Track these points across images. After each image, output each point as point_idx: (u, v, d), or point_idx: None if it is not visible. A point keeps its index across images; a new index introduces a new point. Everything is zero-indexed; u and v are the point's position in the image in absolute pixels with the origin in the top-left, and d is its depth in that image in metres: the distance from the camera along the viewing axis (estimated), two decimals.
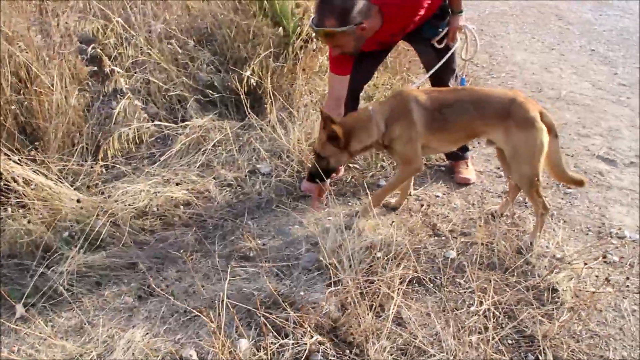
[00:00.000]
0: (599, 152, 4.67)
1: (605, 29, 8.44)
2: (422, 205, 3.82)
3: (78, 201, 3.52)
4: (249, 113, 4.53)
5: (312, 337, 2.52)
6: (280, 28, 4.88)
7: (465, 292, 3.00)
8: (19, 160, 3.59)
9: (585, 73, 6.68)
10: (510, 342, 2.70)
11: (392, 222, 3.46)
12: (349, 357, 2.54)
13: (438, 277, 3.07)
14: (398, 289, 2.75)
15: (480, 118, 3.30)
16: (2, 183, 3.48)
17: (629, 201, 3.98)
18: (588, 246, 3.39)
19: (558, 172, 3.35)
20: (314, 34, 4.44)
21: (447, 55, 3.71)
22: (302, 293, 2.86)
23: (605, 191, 4.10)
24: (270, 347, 2.46)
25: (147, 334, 2.71)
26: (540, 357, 2.58)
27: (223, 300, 2.45)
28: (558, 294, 2.96)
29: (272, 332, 2.58)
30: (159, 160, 4.28)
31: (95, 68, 4.73)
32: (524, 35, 8.19)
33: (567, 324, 2.76)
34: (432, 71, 3.74)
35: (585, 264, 3.08)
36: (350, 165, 4.30)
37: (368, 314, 2.62)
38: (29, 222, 3.39)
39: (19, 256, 3.31)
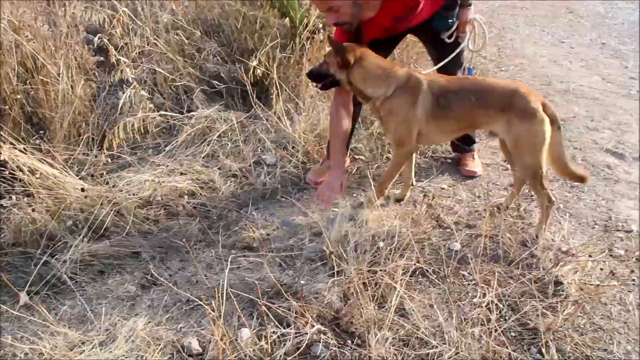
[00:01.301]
0: (607, 145, 4.62)
1: (617, 22, 8.37)
2: (425, 196, 3.80)
3: (82, 190, 3.53)
4: (255, 104, 4.52)
5: (313, 326, 2.51)
6: (287, 19, 4.87)
7: (468, 284, 2.98)
8: (24, 149, 3.60)
9: (595, 66, 6.63)
10: (513, 334, 2.68)
11: (396, 213, 3.45)
12: (350, 347, 2.53)
13: (441, 269, 3.05)
14: (401, 280, 2.73)
15: (481, 108, 3.26)
16: (7, 172, 3.49)
17: (637, 195, 3.93)
18: (593, 239, 3.36)
19: (560, 166, 3.30)
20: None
21: (457, 51, 3.67)
22: (302, 282, 2.86)
23: (613, 185, 4.06)
24: (271, 336, 2.46)
25: (149, 322, 2.72)
26: (543, 350, 2.55)
27: (224, 289, 2.44)
28: (563, 287, 2.93)
29: (274, 322, 2.57)
30: (164, 150, 4.29)
31: (102, 58, 4.73)
32: (534, 28, 8.14)
33: (571, 317, 2.73)
34: (440, 65, 3.70)
35: (590, 256, 3.05)
36: (356, 156, 4.29)
37: (370, 305, 2.61)
38: (33, 210, 3.40)
39: (24, 244, 3.31)
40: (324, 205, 3.56)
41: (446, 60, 3.66)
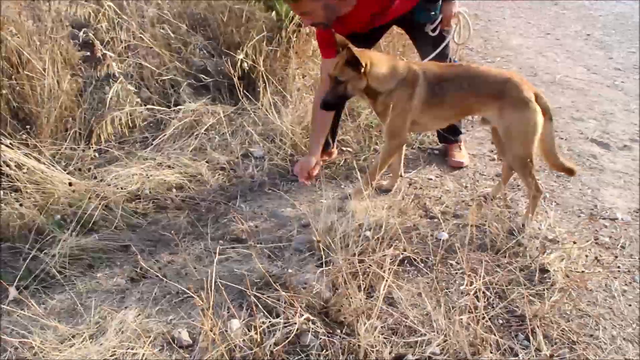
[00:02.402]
0: (592, 135, 4.67)
1: (601, 13, 8.44)
2: (411, 185, 3.83)
3: (70, 184, 3.52)
4: (242, 97, 4.52)
5: (302, 316, 2.52)
6: (274, 12, 4.87)
7: (456, 272, 3.01)
8: (10, 144, 3.58)
9: (580, 57, 6.69)
10: (500, 321, 2.71)
11: (384, 204, 3.47)
12: (340, 336, 2.55)
13: (429, 258, 3.07)
14: (389, 269, 2.75)
15: (475, 95, 3.28)
16: None
17: (622, 184, 3.99)
18: (579, 227, 3.40)
19: (550, 157, 3.33)
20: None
21: (443, 45, 3.69)
22: (290, 270, 2.88)
23: (598, 174, 4.11)
24: (260, 326, 2.47)
25: (139, 315, 2.71)
26: (530, 337, 2.59)
27: (213, 281, 2.45)
28: (549, 274, 2.97)
29: (263, 312, 2.58)
30: (152, 144, 4.28)
31: (88, 53, 4.71)
32: (520, 20, 8.19)
33: (557, 304, 2.76)
34: (428, 59, 3.70)
35: (575, 243, 3.09)
36: (343, 148, 4.30)
37: (359, 294, 2.63)
38: (21, 205, 3.39)
39: (12, 239, 3.30)
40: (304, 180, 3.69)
41: (432, 55, 3.67)
